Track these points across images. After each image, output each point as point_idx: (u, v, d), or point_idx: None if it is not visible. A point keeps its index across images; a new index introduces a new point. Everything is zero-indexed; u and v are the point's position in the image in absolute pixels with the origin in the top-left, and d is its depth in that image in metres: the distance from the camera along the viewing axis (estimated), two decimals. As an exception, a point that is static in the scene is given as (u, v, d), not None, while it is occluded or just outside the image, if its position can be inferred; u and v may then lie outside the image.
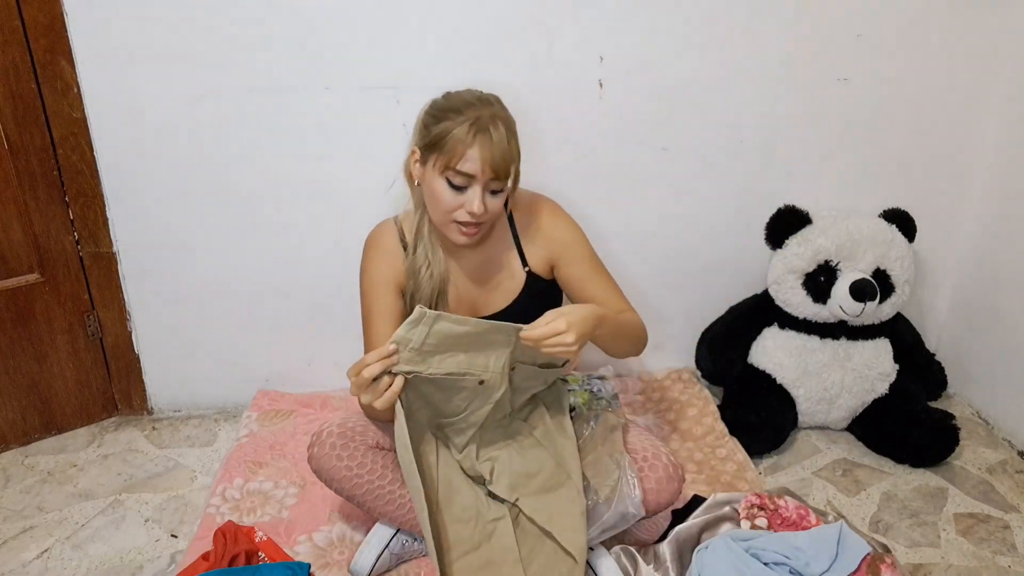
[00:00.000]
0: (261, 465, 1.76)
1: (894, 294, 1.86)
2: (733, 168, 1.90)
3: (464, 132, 1.28)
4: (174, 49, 1.65)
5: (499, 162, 1.29)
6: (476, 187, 1.31)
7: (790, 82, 1.83)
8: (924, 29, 1.81)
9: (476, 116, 1.29)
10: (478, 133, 1.28)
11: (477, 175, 1.29)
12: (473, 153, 1.28)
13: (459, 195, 1.32)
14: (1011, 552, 1.59)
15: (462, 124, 1.28)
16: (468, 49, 1.71)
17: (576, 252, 1.49)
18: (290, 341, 1.98)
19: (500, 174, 1.30)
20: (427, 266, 1.43)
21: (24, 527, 1.63)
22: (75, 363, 1.90)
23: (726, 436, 1.86)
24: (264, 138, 1.75)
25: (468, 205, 1.32)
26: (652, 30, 1.74)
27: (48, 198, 1.74)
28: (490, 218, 1.37)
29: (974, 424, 1.99)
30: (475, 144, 1.28)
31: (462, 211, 1.33)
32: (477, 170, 1.29)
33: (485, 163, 1.28)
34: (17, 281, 1.77)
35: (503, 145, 1.29)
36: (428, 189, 1.36)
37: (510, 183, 1.34)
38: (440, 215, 1.36)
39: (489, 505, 1.40)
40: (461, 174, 1.30)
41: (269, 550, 1.50)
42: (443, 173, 1.31)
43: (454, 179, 1.31)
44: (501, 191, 1.34)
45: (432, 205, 1.37)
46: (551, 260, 1.50)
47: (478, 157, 1.28)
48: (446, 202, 1.33)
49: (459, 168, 1.29)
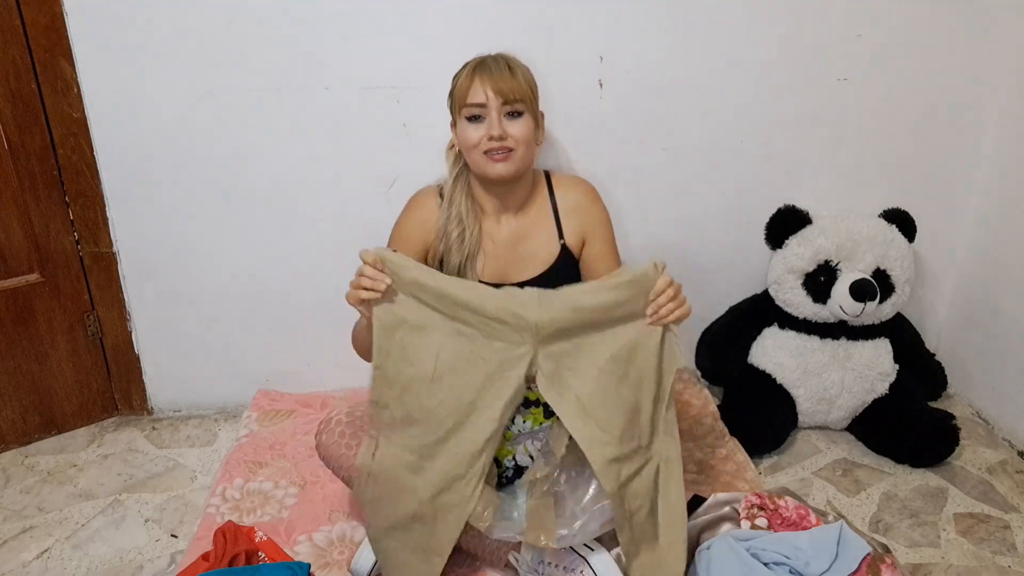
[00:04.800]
0: (261, 465, 1.76)
1: (894, 294, 1.86)
2: (733, 168, 1.90)
3: (467, 73, 1.42)
4: (174, 49, 1.66)
5: (501, 85, 1.39)
6: (491, 112, 1.40)
7: (790, 82, 1.83)
8: (924, 29, 1.81)
9: (479, 60, 1.43)
10: (477, 67, 1.41)
11: (486, 102, 1.39)
12: (476, 86, 1.40)
13: (479, 126, 1.41)
14: (1011, 552, 1.59)
15: (465, 68, 1.44)
16: (468, 49, 1.70)
17: (603, 233, 1.57)
18: (290, 341, 1.98)
19: (507, 96, 1.39)
20: (460, 228, 1.48)
21: (24, 527, 1.63)
22: (75, 363, 1.90)
23: (726, 436, 1.86)
24: (264, 138, 1.75)
25: (489, 130, 1.40)
26: (652, 30, 1.74)
27: (48, 198, 1.74)
28: (519, 144, 1.43)
29: (974, 424, 1.99)
30: (475, 77, 1.40)
31: (485, 139, 1.40)
32: (484, 98, 1.39)
33: (488, 89, 1.39)
34: (17, 281, 1.77)
35: (503, 72, 1.40)
36: (460, 139, 1.46)
37: (525, 107, 1.42)
38: (473, 155, 1.44)
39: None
40: (472, 105, 1.40)
41: (269, 550, 1.50)
42: (460, 114, 1.42)
43: (469, 114, 1.41)
44: (520, 114, 1.42)
45: (466, 152, 1.46)
46: (583, 236, 1.56)
47: (479, 86, 1.39)
48: (471, 137, 1.42)
49: (468, 101, 1.40)
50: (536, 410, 1.46)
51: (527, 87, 1.43)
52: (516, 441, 1.46)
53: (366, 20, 1.67)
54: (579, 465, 1.38)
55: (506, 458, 1.45)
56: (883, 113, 1.88)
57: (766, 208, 1.90)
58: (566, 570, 1.39)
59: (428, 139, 1.72)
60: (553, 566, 1.40)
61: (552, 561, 1.40)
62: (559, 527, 1.32)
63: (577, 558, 1.39)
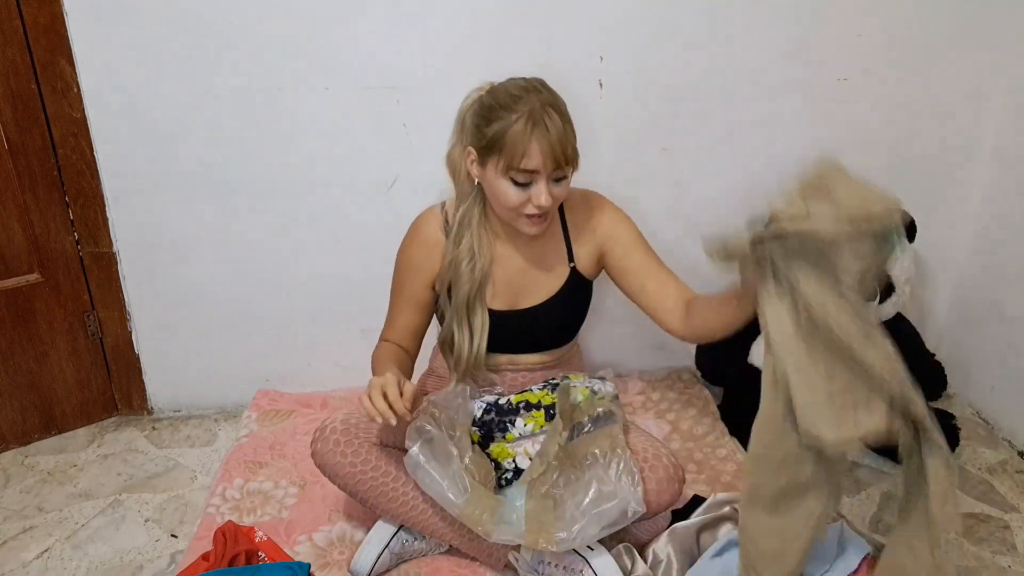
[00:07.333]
0: (261, 465, 1.76)
1: (894, 294, 1.86)
2: (733, 168, 1.90)
3: (520, 130, 1.27)
4: (174, 49, 1.65)
5: (559, 151, 1.29)
6: (541, 181, 1.32)
7: (790, 82, 1.83)
8: (924, 29, 1.81)
9: (528, 110, 1.28)
10: (535, 127, 1.27)
11: (540, 170, 1.30)
12: (533, 148, 1.28)
13: (525, 191, 1.33)
14: (1011, 552, 1.59)
15: (516, 122, 1.28)
16: (468, 49, 1.71)
17: (632, 239, 1.50)
18: (290, 341, 1.98)
19: (561, 163, 1.31)
20: (470, 258, 1.44)
21: (24, 527, 1.63)
22: (75, 363, 1.90)
23: (726, 436, 1.86)
24: (264, 138, 1.75)
25: (535, 199, 1.33)
26: (652, 30, 1.74)
27: (48, 198, 1.74)
28: (555, 207, 1.39)
29: (974, 424, 1.99)
30: (533, 139, 1.27)
31: (530, 205, 1.34)
32: (539, 165, 1.29)
33: (546, 156, 1.28)
34: (17, 281, 1.77)
35: (560, 133, 1.29)
36: (491, 188, 1.37)
37: (570, 171, 1.35)
38: (508, 212, 1.38)
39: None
40: (525, 171, 1.30)
41: (269, 550, 1.50)
42: (506, 174, 1.32)
43: (518, 177, 1.31)
44: (565, 178, 1.35)
45: (498, 203, 1.38)
46: (601, 255, 1.52)
47: (538, 151, 1.28)
48: (513, 200, 1.34)
49: (522, 167, 1.29)
50: (537, 412, 1.46)
51: (574, 137, 1.32)
52: (516, 444, 1.46)
53: (366, 20, 1.67)
54: (578, 468, 1.38)
55: (506, 460, 1.45)
56: (883, 113, 1.88)
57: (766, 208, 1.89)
58: (566, 570, 1.39)
59: (428, 139, 1.72)
60: (553, 566, 1.40)
61: (552, 561, 1.40)
62: (558, 530, 1.32)
63: (578, 558, 1.39)
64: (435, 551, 1.52)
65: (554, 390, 1.51)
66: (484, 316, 1.48)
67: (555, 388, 1.52)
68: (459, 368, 1.50)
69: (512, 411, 1.48)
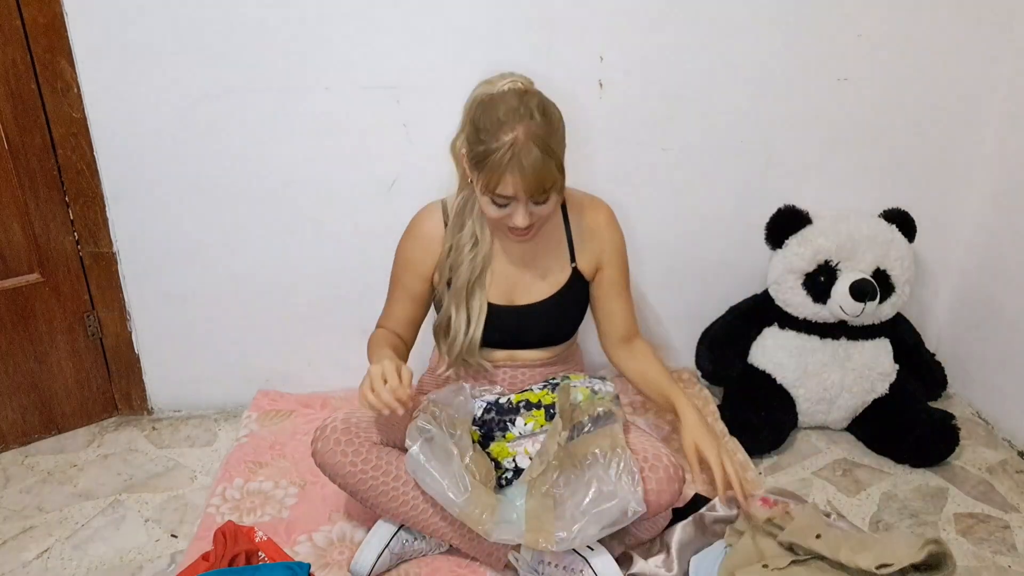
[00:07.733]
0: (261, 465, 1.76)
1: (894, 294, 1.86)
2: (733, 168, 1.90)
3: (499, 160, 1.29)
4: (174, 49, 1.65)
5: (533, 185, 1.31)
6: (518, 204, 1.34)
7: (790, 82, 1.83)
8: (924, 29, 1.81)
9: (511, 141, 1.28)
10: (512, 160, 1.28)
11: (514, 195, 1.33)
12: (508, 179, 1.30)
13: (504, 210, 1.36)
14: (1011, 552, 1.59)
15: (496, 151, 1.29)
16: (468, 49, 1.71)
17: (618, 260, 1.57)
18: (290, 341, 1.98)
19: (537, 194, 1.33)
20: (473, 244, 1.47)
21: (24, 527, 1.63)
22: (75, 363, 1.90)
23: (726, 436, 1.86)
24: (264, 138, 1.75)
25: (512, 220, 1.36)
26: (652, 30, 1.74)
27: (48, 198, 1.74)
28: (542, 221, 1.41)
29: (974, 424, 1.99)
30: (508, 172, 1.29)
31: (510, 220, 1.37)
32: (514, 194, 1.32)
33: (518, 188, 1.31)
34: (17, 281, 1.77)
35: (537, 168, 1.29)
36: (481, 206, 1.41)
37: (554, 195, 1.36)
38: (491, 222, 1.43)
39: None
40: (501, 196, 1.33)
41: (269, 550, 1.50)
42: (485, 193, 1.35)
43: (496, 199, 1.35)
44: (546, 200, 1.36)
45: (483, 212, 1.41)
46: (598, 261, 1.55)
47: (511, 183, 1.30)
48: (493, 215, 1.38)
49: (498, 192, 1.32)
50: (538, 412, 1.47)
51: (557, 172, 1.33)
52: (517, 443, 1.46)
53: (366, 20, 1.67)
54: (578, 468, 1.38)
55: (506, 460, 1.45)
56: (883, 113, 1.88)
57: (766, 208, 1.90)
58: (566, 570, 1.39)
59: (428, 139, 1.72)
60: (553, 566, 1.40)
61: (552, 561, 1.40)
62: (558, 530, 1.32)
63: (578, 558, 1.39)
64: (435, 551, 1.52)
65: (554, 389, 1.52)
66: (483, 301, 1.49)
67: (555, 388, 1.52)
68: (452, 353, 1.51)
69: (512, 410, 1.49)
